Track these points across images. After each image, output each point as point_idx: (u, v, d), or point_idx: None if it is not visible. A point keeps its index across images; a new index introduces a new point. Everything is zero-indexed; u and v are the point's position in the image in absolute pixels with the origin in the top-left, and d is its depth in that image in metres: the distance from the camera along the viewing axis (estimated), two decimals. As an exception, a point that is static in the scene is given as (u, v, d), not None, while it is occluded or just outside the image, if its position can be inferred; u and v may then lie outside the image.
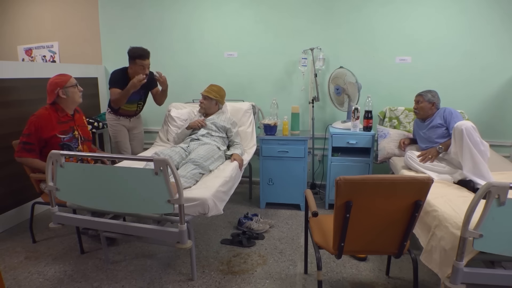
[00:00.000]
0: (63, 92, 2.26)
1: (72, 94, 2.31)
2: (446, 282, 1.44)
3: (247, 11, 3.40)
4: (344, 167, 2.97)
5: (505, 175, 2.23)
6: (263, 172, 3.06)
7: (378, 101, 3.19)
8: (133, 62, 2.75)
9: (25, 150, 2.21)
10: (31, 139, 2.20)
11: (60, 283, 2.02)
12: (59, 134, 2.27)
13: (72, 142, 2.34)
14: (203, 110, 2.86)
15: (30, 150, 2.22)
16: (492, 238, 1.32)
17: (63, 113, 2.32)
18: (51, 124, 2.24)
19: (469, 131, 2.03)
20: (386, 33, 3.19)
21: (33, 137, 2.20)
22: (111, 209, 1.84)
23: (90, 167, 1.79)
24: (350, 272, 2.13)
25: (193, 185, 2.13)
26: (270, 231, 2.66)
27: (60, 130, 2.28)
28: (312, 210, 1.65)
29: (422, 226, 1.88)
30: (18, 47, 4.06)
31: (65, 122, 2.33)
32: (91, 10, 3.71)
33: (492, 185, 1.24)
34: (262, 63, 3.45)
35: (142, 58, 2.73)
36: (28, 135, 2.20)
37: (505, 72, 3.06)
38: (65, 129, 2.31)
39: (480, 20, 3.02)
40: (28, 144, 2.21)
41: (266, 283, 2.02)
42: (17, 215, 2.79)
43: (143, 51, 2.75)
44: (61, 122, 2.30)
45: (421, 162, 2.38)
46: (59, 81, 2.26)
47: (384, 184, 1.43)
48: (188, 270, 2.14)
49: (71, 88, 2.30)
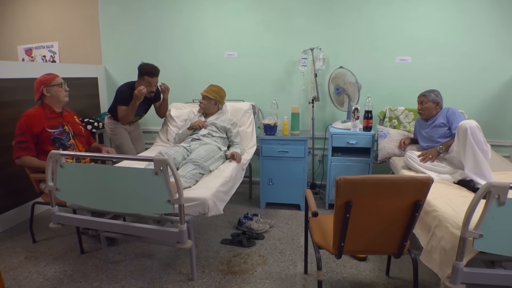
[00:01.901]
0: (47, 90, 2.34)
1: (56, 92, 2.37)
2: (446, 282, 1.44)
3: (247, 11, 3.40)
4: (344, 167, 2.97)
5: (505, 175, 2.23)
6: (263, 172, 3.06)
7: (378, 101, 3.19)
8: (142, 77, 2.83)
9: (21, 149, 2.25)
10: (25, 136, 2.26)
11: (60, 283, 2.02)
12: (48, 128, 2.32)
13: (63, 136, 2.38)
14: (202, 110, 2.87)
15: (26, 148, 2.26)
16: (492, 238, 1.32)
17: (50, 110, 2.39)
18: (40, 120, 2.30)
19: (474, 130, 2.03)
20: (386, 33, 3.19)
21: (27, 134, 2.26)
22: (111, 209, 1.84)
23: (90, 167, 1.80)
24: (350, 272, 2.13)
25: (193, 185, 2.13)
26: (270, 231, 2.66)
27: (49, 124, 2.33)
28: (312, 210, 1.65)
29: (422, 226, 1.88)
30: (18, 47, 4.05)
31: (53, 118, 2.38)
32: (91, 10, 3.71)
33: (492, 185, 1.24)
34: (262, 63, 3.45)
35: (151, 76, 2.82)
36: (22, 133, 2.26)
37: (505, 72, 3.06)
38: (54, 123, 2.36)
39: (480, 20, 3.02)
40: (23, 142, 2.25)
41: (266, 283, 2.02)
42: (17, 215, 2.79)
43: (153, 68, 2.83)
44: (49, 118, 2.36)
45: (421, 162, 2.38)
46: (44, 80, 2.35)
47: (384, 184, 1.43)
48: (188, 270, 2.14)
49: (56, 87, 2.36)
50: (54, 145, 2.32)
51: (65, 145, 2.37)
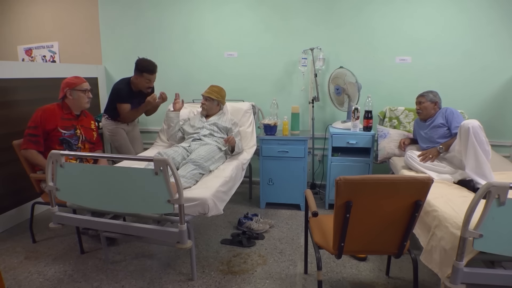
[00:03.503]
0: (70, 93, 2.36)
1: (78, 97, 2.39)
2: (446, 282, 1.44)
3: (247, 11, 3.40)
4: (344, 167, 2.97)
5: (505, 175, 2.23)
6: (263, 172, 3.06)
7: (378, 101, 3.19)
8: (140, 74, 2.80)
9: (31, 142, 2.26)
10: (37, 131, 2.27)
11: (60, 283, 2.02)
12: (61, 128, 2.33)
13: (73, 139, 2.39)
14: (205, 111, 2.86)
15: (36, 142, 2.27)
16: (492, 238, 1.32)
17: (68, 111, 2.40)
18: (55, 118, 2.32)
19: (476, 130, 2.02)
20: (386, 33, 3.19)
21: (39, 129, 2.27)
22: (111, 209, 1.84)
23: (90, 167, 1.80)
24: (350, 272, 2.13)
25: (193, 185, 2.13)
26: (270, 231, 2.66)
27: (62, 125, 2.34)
28: (312, 210, 1.65)
29: (422, 226, 1.88)
30: (18, 47, 4.05)
31: (68, 119, 2.39)
32: (91, 10, 3.71)
33: (492, 185, 1.24)
34: (262, 63, 3.45)
35: (150, 73, 2.81)
36: (35, 127, 2.27)
37: (505, 72, 3.06)
38: (67, 125, 2.37)
39: (480, 20, 3.02)
40: (34, 136, 2.27)
41: (266, 283, 2.02)
42: (17, 215, 2.79)
43: (152, 66, 2.81)
44: (64, 118, 2.37)
45: (421, 162, 2.38)
46: (70, 82, 2.37)
47: (384, 184, 1.43)
48: (188, 270, 2.14)
49: (79, 92, 2.38)
50: (61, 145, 2.33)
51: (72, 148, 2.37)
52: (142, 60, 2.80)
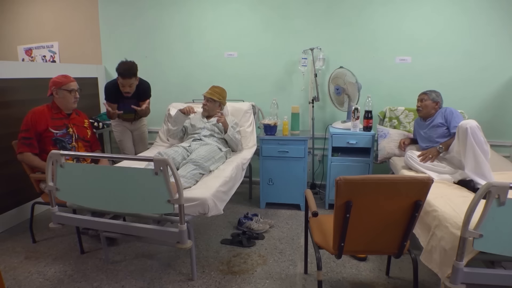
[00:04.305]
0: (57, 92, 2.35)
1: (64, 97, 2.37)
2: (446, 282, 1.44)
3: (247, 11, 3.40)
4: (344, 167, 2.97)
5: (505, 175, 2.23)
6: (263, 172, 3.06)
7: (378, 101, 3.19)
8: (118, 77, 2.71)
9: (25, 145, 2.26)
10: (29, 133, 2.27)
11: (60, 283, 2.02)
12: (52, 128, 2.33)
13: (66, 138, 2.38)
14: (206, 112, 2.85)
15: (29, 145, 2.27)
16: (492, 238, 1.32)
17: (57, 111, 2.39)
18: (45, 119, 2.32)
19: (474, 130, 2.03)
20: (386, 33, 3.19)
21: (31, 131, 2.27)
22: (111, 209, 1.84)
23: (90, 167, 1.80)
24: (350, 272, 2.13)
25: (193, 185, 2.13)
26: (270, 231, 2.66)
27: (53, 125, 2.34)
28: (312, 210, 1.65)
29: (422, 226, 1.88)
30: (18, 47, 4.06)
31: (59, 119, 2.39)
32: (91, 10, 3.71)
33: (492, 185, 1.24)
34: (262, 63, 3.45)
35: (122, 77, 2.66)
36: (27, 130, 2.27)
37: (505, 72, 3.06)
38: (58, 125, 2.36)
39: (480, 20, 3.02)
40: (27, 139, 2.27)
41: (266, 283, 2.02)
42: (17, 215, 2.79)
43: (124, 70, 2.62)
44: (54, 118, 2.36)
45: (421, 162, 2.38)
46: (57, 81, 2.36)
47: (384, 184, 1.43)
48: (188, 270, 2.14)
49: (65, 92, 2.36)
50: (55, 146, 2.33)
51: (66, 147, 2.37)
52: (120, 63, 2.67)
